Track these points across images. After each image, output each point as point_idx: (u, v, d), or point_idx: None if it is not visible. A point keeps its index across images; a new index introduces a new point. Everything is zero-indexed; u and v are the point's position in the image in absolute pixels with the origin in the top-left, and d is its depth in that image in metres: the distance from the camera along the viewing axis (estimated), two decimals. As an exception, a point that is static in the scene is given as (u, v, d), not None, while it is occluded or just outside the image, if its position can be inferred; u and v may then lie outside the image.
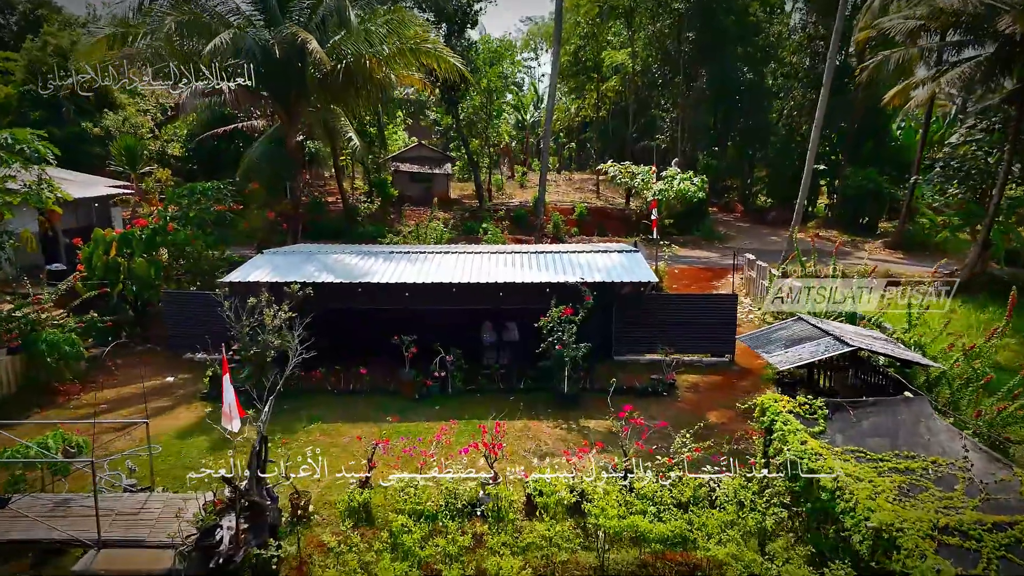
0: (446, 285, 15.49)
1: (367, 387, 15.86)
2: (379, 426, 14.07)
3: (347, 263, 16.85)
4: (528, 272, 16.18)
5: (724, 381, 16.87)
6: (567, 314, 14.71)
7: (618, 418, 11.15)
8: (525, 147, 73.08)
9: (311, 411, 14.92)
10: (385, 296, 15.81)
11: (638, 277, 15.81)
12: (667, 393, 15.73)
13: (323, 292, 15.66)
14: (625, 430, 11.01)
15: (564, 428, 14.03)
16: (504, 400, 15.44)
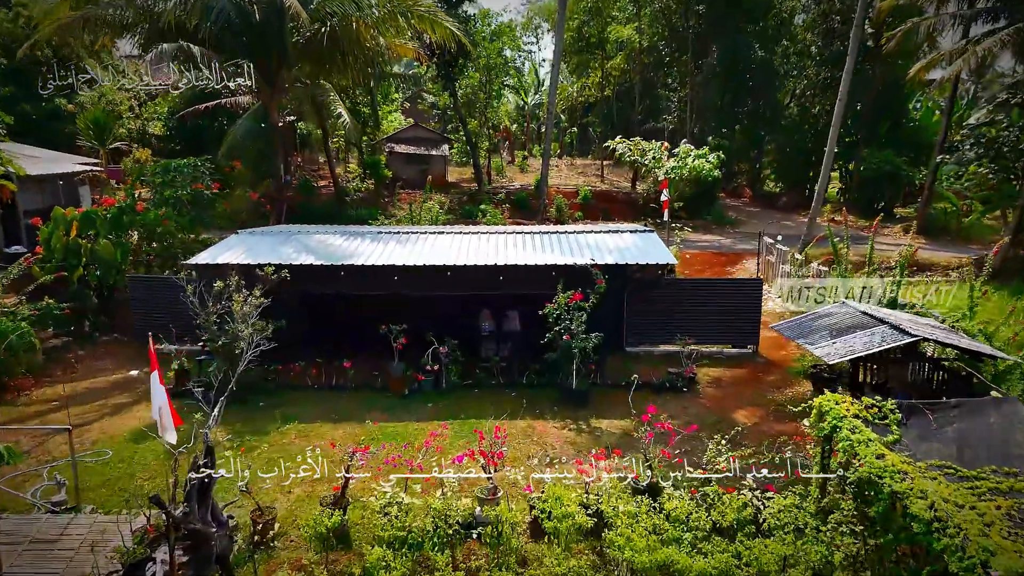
0: (439, 268, 13.78)
1: (352, 382, 14.19)
2: (363, 427, 12.40)
3: (330, 244, 15.14)
4: (531, 254, 14.47)
5: (749, 375, 15.18)
6: (576, 300, 13.00)
7: (641, 421, 9.44)
8: (526, 132, 71.20)
9: (288, 409, 13.25)
10: (371, 281, 14.10)
11: (656, 259, 14.10)
12: (687, 388, 14.06)
13: (302, 276, 13.96)
14: (649, 436, 9.30)
15: (573, 429, 12.36)
16: (504, 397, 13.77)
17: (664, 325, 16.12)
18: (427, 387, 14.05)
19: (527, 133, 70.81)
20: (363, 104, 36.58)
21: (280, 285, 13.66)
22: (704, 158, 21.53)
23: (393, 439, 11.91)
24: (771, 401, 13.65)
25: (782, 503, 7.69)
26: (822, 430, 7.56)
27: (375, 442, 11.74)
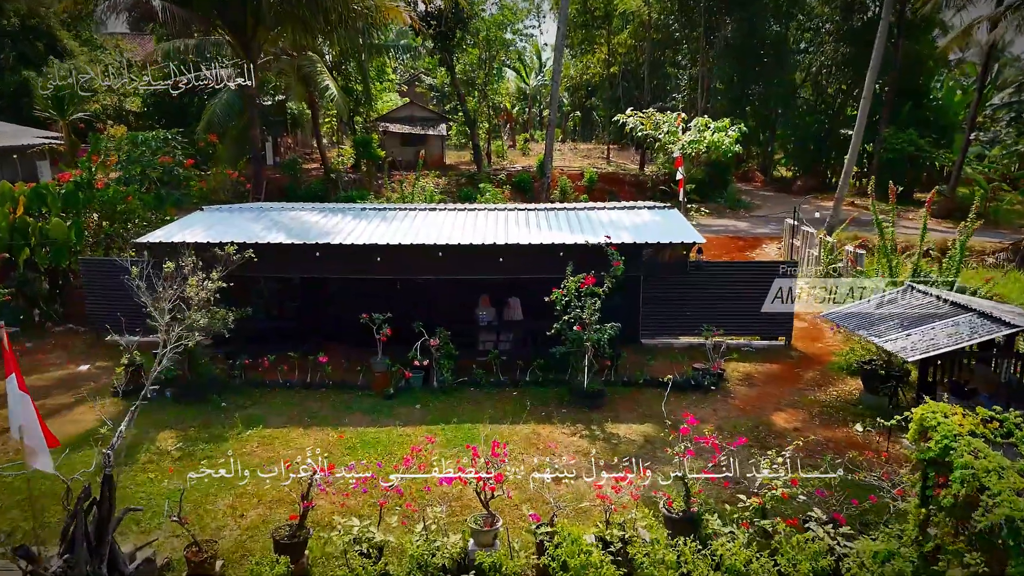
0: (429, 248, 11.89)
1: (329, 380, 12.32)
2: (339, 433, 10.55)
3: (306, 222, 13.24)
4: (536, 232, 12.57)
5: (784, 371, 13.31)
6: (588, 285, 11.10)
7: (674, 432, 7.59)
8: (528, 116, 69.11)
9: (253, 410, 11.42)
10: (351, 262, 12.21)
11: (680, 237, 12.19)
12: (715, 387, 12.19)
13: (270, 257, 12.08)
14: (689, 453, 7.42)
15: (586, 436, 10.49)
16: (505, 397, 11.93)
17: (685, 314, 14.27)
18: (415, 385, 12.20)
19: (529, 117, 68.75)
20: (355, 81, 34.56)
21: (246, 268, 11.76)
22: (724, 131, 19.58)
23: (373, 447, 10.07)
24: (813, 402, 11.78)
25: (871, 547, 5.83)
26: (926, 452, 5.69)
27: (352, 452, 9.91)
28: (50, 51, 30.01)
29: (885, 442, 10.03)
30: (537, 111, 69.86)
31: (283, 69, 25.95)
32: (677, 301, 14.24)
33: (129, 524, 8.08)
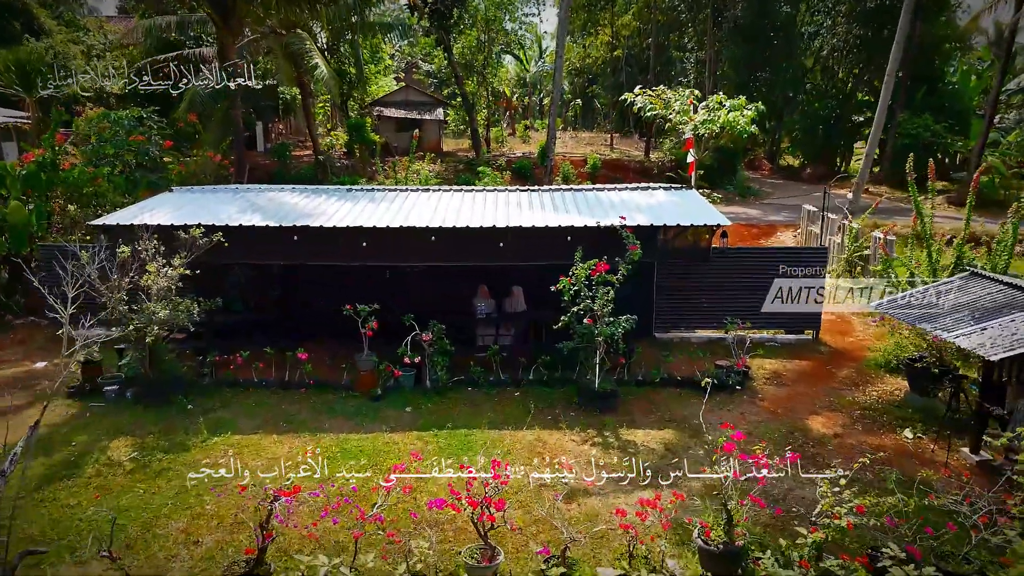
0: (421, 231, 10.59)
1: (309, 379, 11.03)
2: (317, 440, 9.27)
3: (286, 203, 11.93)
4: (540, 214, 11.27)
5: (815, 368, 12.03)
6: (600, 272, 9.80)
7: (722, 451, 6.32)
8: (528, 104, 67.70)
9: (223, 413, 10.14)
10: (334, 248, 10.91)
11: (704, 219, 10.88)
12: (740, 387, 10.91)
13: (243, 242, 10.78)
14: (735, 475, 6.13)
15: (597, 444, 9.21)
16: (506, 398, 10.65)
17: (703, 305, 13.04)
18: (406, 385, 10.92)
19: (529, 105, 67.32)
20: (349, 63, 33.14)
21: (216, 254, 10.49)
22: (740, 110, 18.23)
23: (355, 457, 8.78)
24: (852, 404, 10.51)
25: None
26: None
27: (332, 462, 8.62)
28: (27, 30, 28.60)
29: (942, 452, 8.77)
30: (537, 99, 68.44)
31: (270, 48, 24.58)
32: (695, 291, 12.99)
33: (62, 553, 6.82)
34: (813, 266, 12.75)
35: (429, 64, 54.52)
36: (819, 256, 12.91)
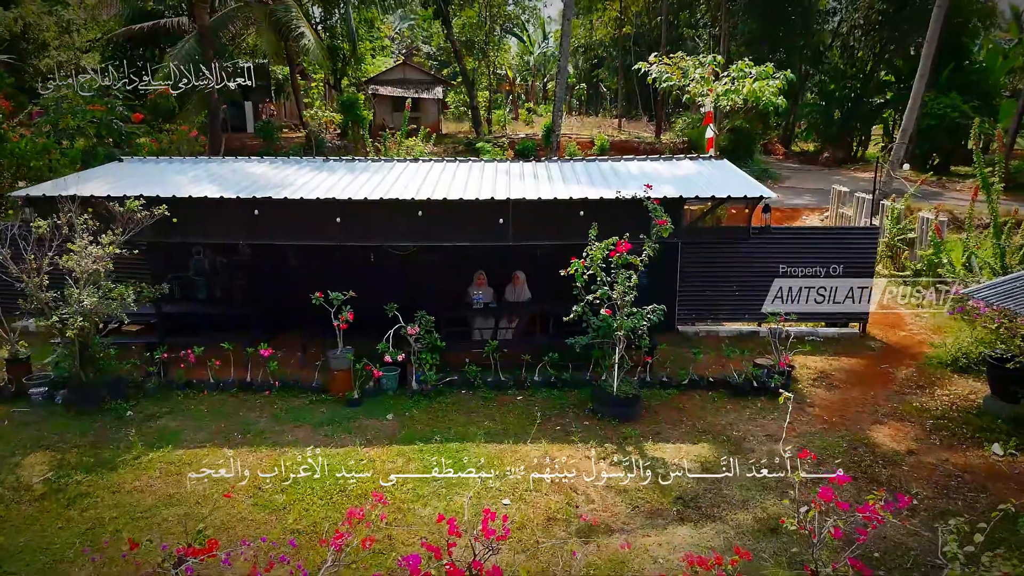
0: (406, 204, 8.86)
1: (274, 379, 9.36)
2: (277, 456, 7.60)
3: (251, 174, 10.21)
4: (548, 185, 9.53)
5: (867, 367, 10.31)
6: (621, 252, 8.08)
7: (817, 502, 4.64)
8: (530, 89, 65.82)
9: (169, 421, 8.48)
10: (303, 224, 9.19)
11: (744, 191, 9.14)
12: (784, 389, 9.17)
13: (195, 217, 9.07)
14: (835, 533, 4.41)
15: (619, 463, 7.50)
16: (507, 404, 8.96)
17: (734, 294, 11.36)
18: (388, 387, 9.24)
19: (532, 89, 65.40)
20: (342, 39, 31.33)
21: (164, 232, 8.82)
22: (768, 79, 16.43)
23: (317, 487, 7.09)
24: (921, 411, 8.79)
25: None
26: None
27: (285, 494, 6.94)
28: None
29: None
30: (541, 85, 66.43)
31: (253, 16, 22.78)
32: (725, 277, 11.30)
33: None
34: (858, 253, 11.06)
35: (430, 47, 52.72)
36: (870, 236, 11.18)
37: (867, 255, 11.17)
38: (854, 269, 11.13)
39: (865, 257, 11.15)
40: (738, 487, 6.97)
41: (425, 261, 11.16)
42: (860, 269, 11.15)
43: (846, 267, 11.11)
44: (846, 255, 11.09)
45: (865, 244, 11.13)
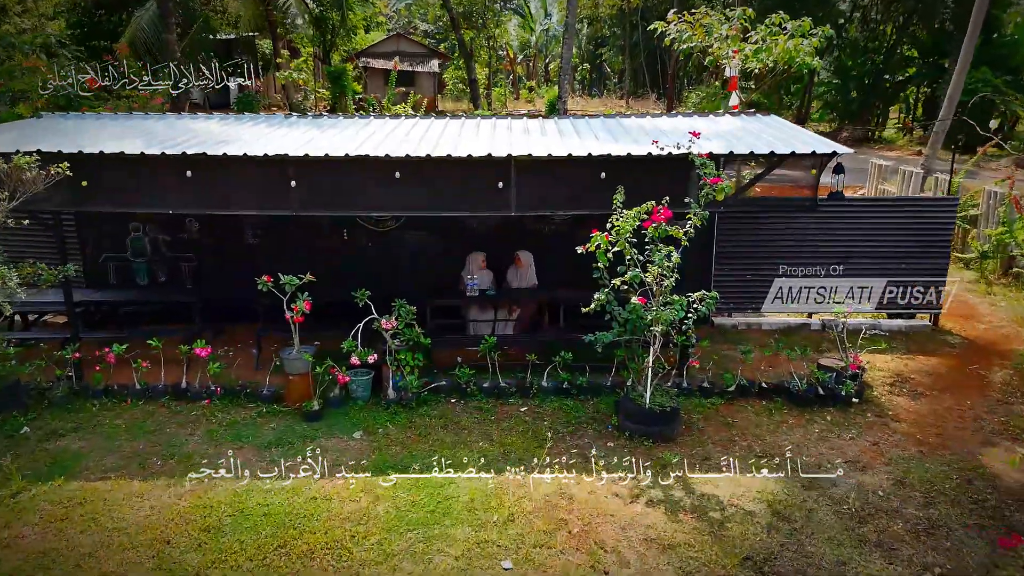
0: (379, 163, 6.90)
1: (216, 385, 7.44)
2: (206, 487, 5.71)
3: (193, 130, 8.25)
4: (560, 141, 7.57)
5: (952, 369, 8.38)
6: (659, 222, 6.14)
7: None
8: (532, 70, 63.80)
9: (71, 443, 6.57)
10: (251, 190, 7.22)
11: (810, 145, 7.19)
12: (857, 398, 7.28)
13: (112, 180, 7.13)
14: None
15: (661, 503, 5.59)
16: (508, 418, 7.04)
17: (774, 279, 9.46)
18: (358, 396, 7.33)
19: (534, 69, 63.33)
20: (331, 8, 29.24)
21: (72, 198, 6.91)
22: (802, 36, 14.42)
23: (252, 532, 5.20)
24: None
25: None
26: None
27: (199, 550, 5.05)
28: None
29: None
30: (543, 66, 64.25)
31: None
32: (771, 257, 9.38)
33: None
34: (931, 229, 9.15)
35: (427, 24, 50.59)
36: (948, 207, 9.25)
37: (944, 229, 9.24)
38: (930, 246, 9.21)
39: (942, 232, 9.21)
40: (826, 541, 5.08)
41: (412, 239, 9.26)
42: (936, 246, 9.23)
43: (911, 247, 9.20)
44: (922, 230, 9.16)
45: (942, 216, 9.19)
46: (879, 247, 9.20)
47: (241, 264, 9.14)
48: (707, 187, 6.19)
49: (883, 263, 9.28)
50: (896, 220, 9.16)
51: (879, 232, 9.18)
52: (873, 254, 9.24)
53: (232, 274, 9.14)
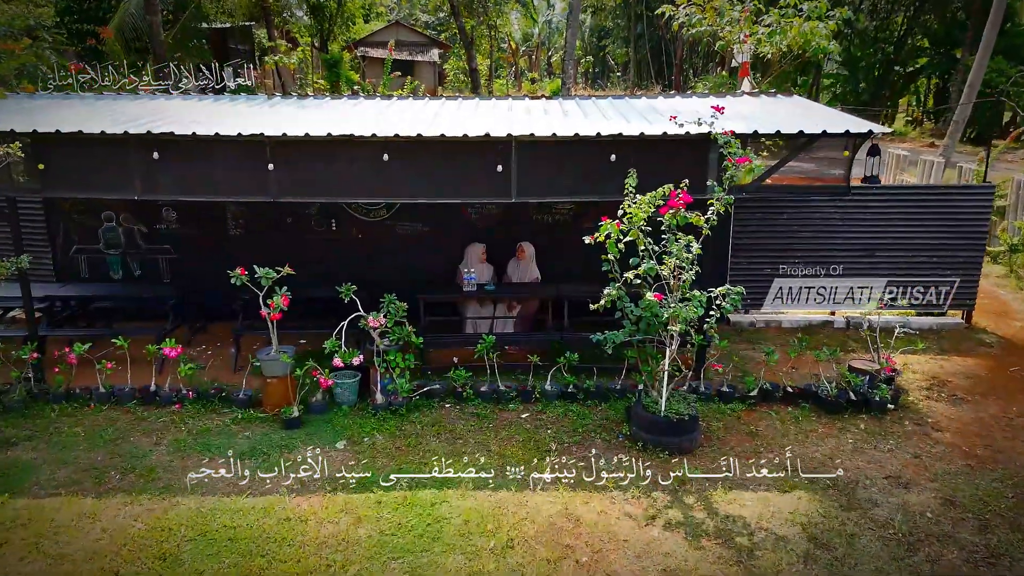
0: (363, 144, 6.22)
1: (187, 388, 6.78)
2: (168, 506, 5.05)
3: (164, 107, 7.57)
4: (564, 121, 6.88)
5: (993, 371, 7.70)
6: (676, 207, 5.46)
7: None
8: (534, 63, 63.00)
9: (22, 452, 5.93)
10: (224, 175, 6.54)
11: (843, 124, 6.54)
12: (893, 404, 6.60)
13: (71, 162, 6.46)
14: None
15: (681, 526, 4.92)
16: (507, 427, 6.37)
17: (798, 270, 8.80)
18: (344, 401, 6.66)
19: (536, 63, 62.54)
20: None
21: (29, 183, 6.26)
22: (820, 18, 13.70)
23: (214, 559, 4.54)
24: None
25: None
26: None
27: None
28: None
29: None
30: (545, 59, 63.42)
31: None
32: (792, 250, 8.71)
33: None
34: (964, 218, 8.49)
35: (428, 16, 49.81)
36: (984, 196, 8.56)
37: (979, 219, 8.55)
38: (952, 243, 8.55)
39: (977, 222, 8.53)
40: (873, 573, 4.41)
41: (405, 230, 8.60)
42: (971, 238, 8.55)
43: (943, 238, 8.53)
44: (955, 219, 8.49)
45: (977, 205, 8.50)
46: (907, 239, 8.53)
47: (223, 257, 8.47)
48: (731, 168, 5.50)
49: (912, 255, 8.61)
50: (926, 209, 8.47)
51: (906, 223, 8.50)
52: (902, 246, 8.57)
53: (213, 267, 8.43)
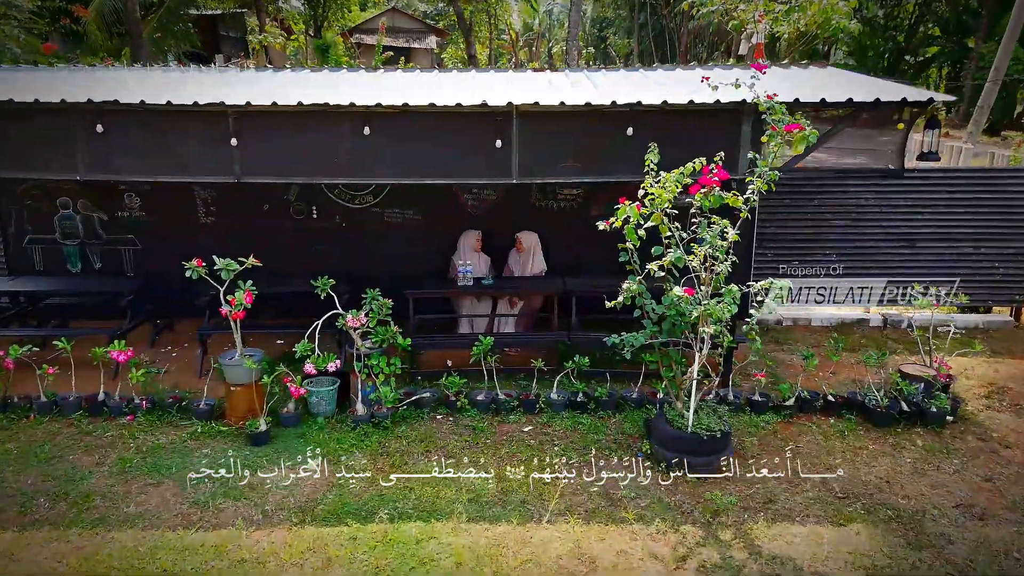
0: (341, 116, 5.33)
1: (141, 397, 5.92)
2: (101, 543, 4.19)
3: (120, 78, 6.68)
4: (573, 91, 5.99)
5: (1055, 376, 6.84)
6: (709, 185, 4.58)
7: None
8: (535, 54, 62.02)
9: (-54, 474, 5.05)
10: (180, 151, 5.65)
11: (898, 92, 5.66)
12: (952, 415, 5.73)
13: (6, 139, 5.57)
14: None
15: (716, 571, 4.05)
16: (507, 443, 5.49)
17: (832, 263, 7.95)
18: (319, 412, 5.79)
19: (536, 54, 61.55)
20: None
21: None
22: (840, -6, 12.81)
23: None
24: None
25: None
26: None
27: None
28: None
29: None
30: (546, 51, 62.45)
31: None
32: (825, 241, 7.85)
33: None
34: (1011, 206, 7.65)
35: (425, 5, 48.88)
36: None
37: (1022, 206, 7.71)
38: (997, 232, 7.71)
39: (1020, 209, 7.68)
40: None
41: (393, 217, 7.73)
42: (1010, 231, 7.71)
43: (992, 227, 7.69)
44: (1001, 206, 7.64)
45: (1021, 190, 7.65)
46: (951, 229, 7.68)
47: (192, 247, 7.59)
48: (777, 137, 4.62)
49: (954, 246, 7.76)
50: (976, 196, 7.62)
51: (956, 207, 7.64)
52: (945, 236, 7.72)
53: (180, 259, 7.60)
